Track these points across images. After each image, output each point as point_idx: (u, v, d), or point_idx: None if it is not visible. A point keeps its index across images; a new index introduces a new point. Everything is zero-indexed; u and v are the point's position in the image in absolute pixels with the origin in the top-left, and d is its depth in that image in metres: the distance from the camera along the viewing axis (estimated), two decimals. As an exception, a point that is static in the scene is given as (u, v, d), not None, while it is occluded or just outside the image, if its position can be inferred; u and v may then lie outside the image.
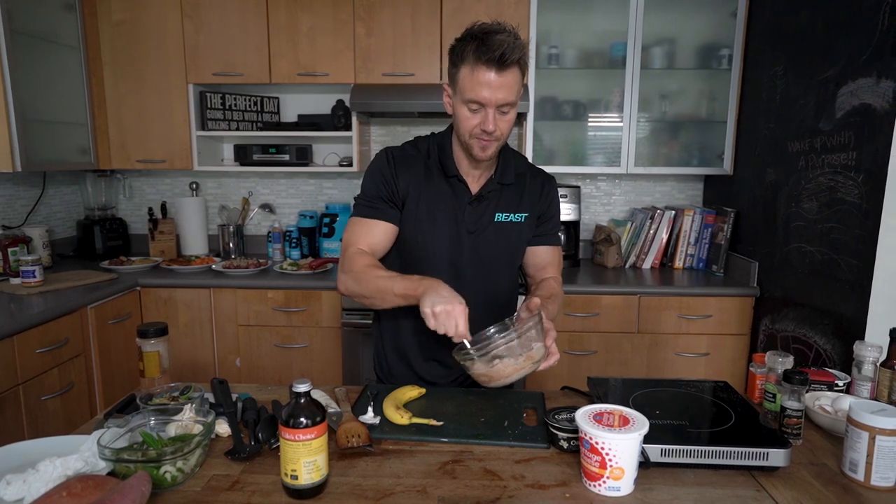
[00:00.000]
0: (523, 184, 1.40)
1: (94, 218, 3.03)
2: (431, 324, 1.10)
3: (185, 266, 2.71)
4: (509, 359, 1.09)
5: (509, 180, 1.37)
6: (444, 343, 1.39)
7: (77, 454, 0.91)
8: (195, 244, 3.04)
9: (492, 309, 1.41)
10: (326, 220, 2.98)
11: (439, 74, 2.70)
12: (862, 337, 1.77)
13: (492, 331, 1.20)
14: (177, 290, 2.58)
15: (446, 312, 1.09)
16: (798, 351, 2.12)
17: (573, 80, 2.85)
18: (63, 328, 2.09)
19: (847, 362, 1.83)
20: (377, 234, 1.32)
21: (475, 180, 1.36)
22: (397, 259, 1.37)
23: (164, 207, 3.10)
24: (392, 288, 1.20)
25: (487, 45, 1.14)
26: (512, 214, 1.37)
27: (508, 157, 1.39)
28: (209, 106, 2.82)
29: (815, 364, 2.02)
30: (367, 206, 1.33)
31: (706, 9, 2.72)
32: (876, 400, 1.25)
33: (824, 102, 1.99)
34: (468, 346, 1.11)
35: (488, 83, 1.16)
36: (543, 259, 1.45)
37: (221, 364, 2.62)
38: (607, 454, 0.91)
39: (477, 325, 1.32)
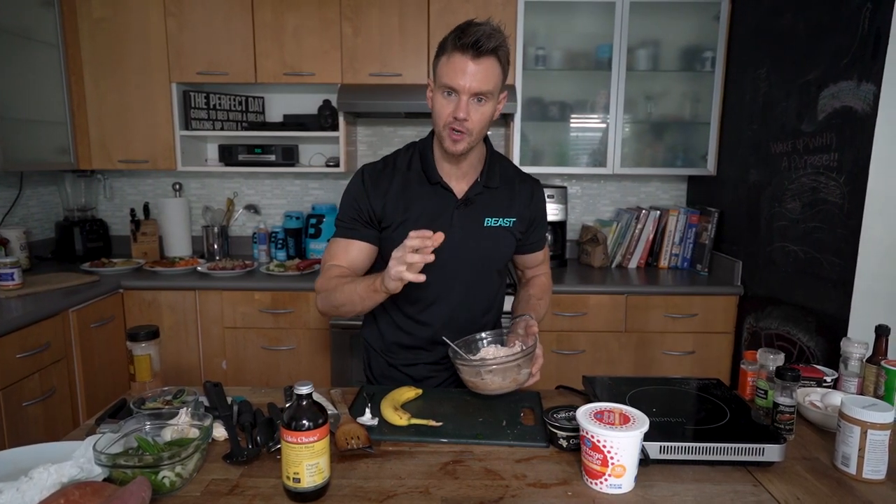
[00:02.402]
0: (512, 189, 1.41)
1: (74, 219, 2.96)
2: (406, 275, 1.08)
3: (170, 268, 2.67)
4: (497, 377, 1.19)
5: (495, 184, 1.37)
6: (433, 345, 1.40)
7: (71, 460, 0.88)
8: (178, 246, 2.99)
9: (479, 311, 1.43)
10: (313, 220, 2.95)
11: (426, 75, 2.70)
12: (844, 334, 1.81)
13: (486, 340, 1.32)
14: (161, 293, 2.54)
15: (397, 260, 1.09)
16: (782, 348, 2.16)
17: (560, 81, 2.86)
18: (44, 332, 2.04)
19: (830, 359, 1.88)
20: (353, 252, 1.33)
21: (459, 183, 1.35)
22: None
23: (146, 208, 3.05)
24: (356, 290, 1.22)
25: (465, 32, 1.17)
26: (501, 219, 1.37)
27: (494, 160, 1.39)
28: (193, 105, 2.77)
29: (798, 361, 2.06)
30: (344, 227, 1.35)
31: (690, 12, 2.76)
32: (862, 395, 1.28)
33: (806, 104, 2.04)
34: (460, 352, 1.24)
35: (463, 69, 1.17)
36: (536, 261, 1.51)
37: (207, 367, 2.58)
38: (609, 452, 0.92)
39: (465, 329, 1.35)
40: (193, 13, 2.66)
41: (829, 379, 1.33)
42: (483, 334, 1.33)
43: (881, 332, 1.29)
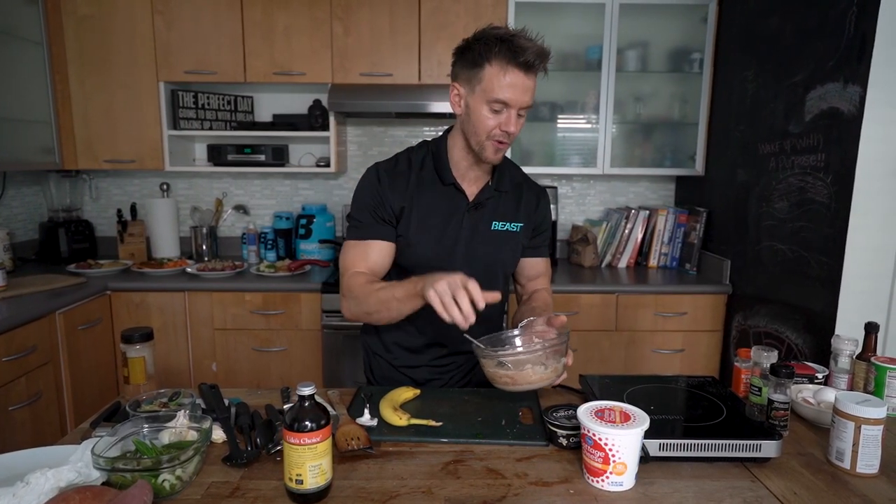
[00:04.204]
0: (520, 194, 1.41)
1: (59, 220, 2.92)
2: (439, 308, 1.05)
3: (158, 269, 2.64)
4: (539, 367, 1.11)
5: (506, 188, 1.37)
6: (433, 347, 1.40)
7: (69, 465, 0.87)
8: (166, 247, 2.96)
9: (482, 317, 1.41)
10: (303, 221, 2.93)
11: (417, 75, 2.69)
12: (832, 331, 1.84)
13: (514, 333, 1.25)
14: (149, 294, 2.50)
15: (447, 287, 1.04)
16: (770, 346, 2.18)
17: (550, 81, 2.85)
18: (30, 335, 2.01)
19: (818, 356, 1.91)
20: (374, 254, 1.30)
21: (471, 186, 1.35)
22: (394, 272, 1.36)
23: (133, 209, 3.00)
24: (394, 294, 1.18)
25: (519, 48, 1.16)
26: (508, 223, 1.37)
27: (504, 165, 1.40)
28: (181, 105, 2.74)
29: (786, 358, 2.09)
30: (359, 227, 1.31)
31: (678, 14, 2.79)
32: (852, 391, 1.30)
33: (794, 106, 2.07)
34: (481, 345, 1.15)
35: (517, 85, 1.17)
36: (536, 270, 1.47)
37: (197, 369, 2.56)
38: (610, 450, 0.92)
39: (468, 332, 1.32)
40: (181, 11, 2.63)
41: (820, 376, 1.35)
42: (513, 331, 1.26)
43: (870, 329, 1.32)
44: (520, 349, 1.15)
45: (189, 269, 2.65)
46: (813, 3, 1.97)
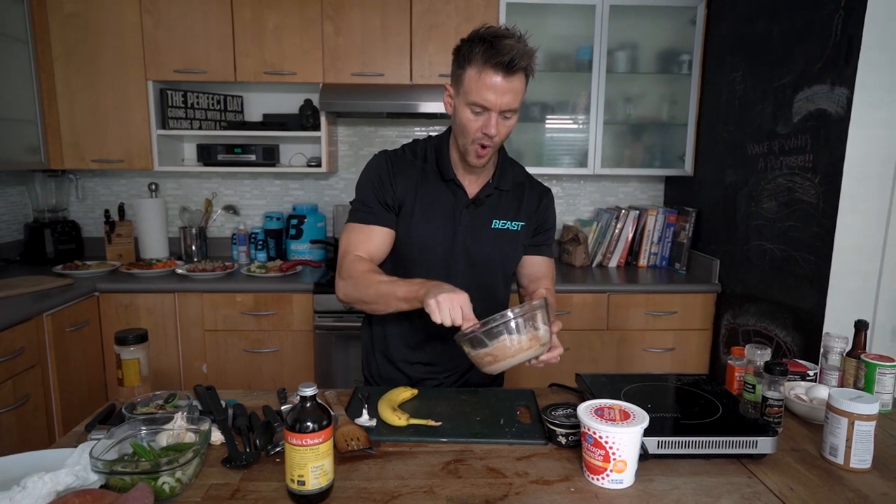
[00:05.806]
0: (522, 193, 1.40)
1: (44, 220, 2.87)
2: (436, 316, 1.07)
3: (147, 270, 2.61)
4: (515, 335, 1.06)
5: (506, 186, 1.37)
6: (431, 342, 1.40)
7: (66, 468, 0.86)
8: (155, 247, 2.92)
9: (483, 315, 1.41)
10: (294, 221, 2.92)
11: (409, 75, 2.69)
12: (820, 329, 1.87)
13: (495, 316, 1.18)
14: (139, 295, 2.48)
15: (450, 300, 1.07)
16: (759, 344, 2.22)
17: (540, 82, 2.88)
18: (17, 337, 1.97)
19: (806, 353, 1.94)
20: (375, 240, 1.30)
21: (472, 183, 1.35)
22: (390, 261, 1.36)
23: (121, 209, 2.97)
24: (395, 292, 1.18)
25: (497, 49, 1.14)
26: (509, 222, 1.37)
27: (506, 163, 1.40)
28: (170, 104, 2.71)
29: (775, 356, 2.12)
30: (364, 211, 1.31)
31: (667, 16, 2.82)
32: (842, 387, 1.32)
33: (782, 107, 2.10)
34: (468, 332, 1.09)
35: (494, 87, 1.16)
36: (538, 270, 1.44)
37: (187, 371, 2.53)
38: (611, 448, 0.93)
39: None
40: (170, 10, 2.60)
41: (811, 373, 1.37)
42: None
43: (860, 326, 1.34)
44: (476, 325, 1.08)
45: (179, 270, 2.63)
46: (800, 6, 2.01)
